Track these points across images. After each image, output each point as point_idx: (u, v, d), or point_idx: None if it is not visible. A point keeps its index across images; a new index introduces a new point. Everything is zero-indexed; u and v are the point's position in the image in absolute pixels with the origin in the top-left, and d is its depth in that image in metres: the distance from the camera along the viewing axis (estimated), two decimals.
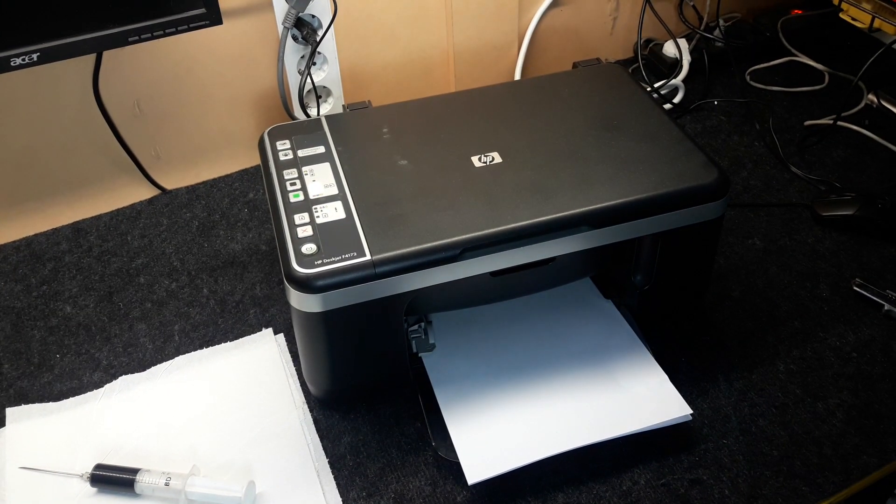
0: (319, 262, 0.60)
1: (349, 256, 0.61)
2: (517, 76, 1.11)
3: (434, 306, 0.71)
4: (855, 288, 0.82)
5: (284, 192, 0.67)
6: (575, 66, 0.85)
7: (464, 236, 0.62)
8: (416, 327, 0.72)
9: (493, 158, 0.71)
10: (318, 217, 0.64)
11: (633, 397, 0.69)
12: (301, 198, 0.66)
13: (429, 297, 0.64)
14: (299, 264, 0.60)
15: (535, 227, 0.64)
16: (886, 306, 0.80)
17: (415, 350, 0.72)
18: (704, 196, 0.67)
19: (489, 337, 0.75)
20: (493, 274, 0.64)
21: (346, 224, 0.64)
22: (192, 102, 0.96)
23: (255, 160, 0.75)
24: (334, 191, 0.67)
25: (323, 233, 0.63)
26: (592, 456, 0.67)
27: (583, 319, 0.76)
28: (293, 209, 0.65)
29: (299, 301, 0.61)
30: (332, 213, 0.65)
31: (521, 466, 0.64)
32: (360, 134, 0.75)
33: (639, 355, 0.72)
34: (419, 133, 0.75)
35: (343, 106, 0.92)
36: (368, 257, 0.61)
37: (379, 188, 0.68)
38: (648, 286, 0.72)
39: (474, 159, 0.71)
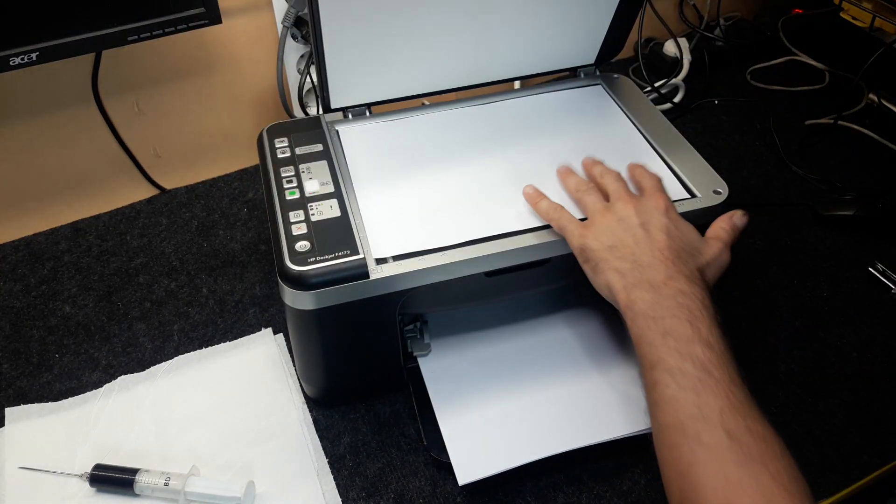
0: (313, 259, 0.60)
1: (343, 254, 0.60)
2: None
3: (428, 305, 0.70)
4: (870, 269, 0.84)
5: (281, 190, 0.67)
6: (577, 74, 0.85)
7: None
8: (411, 327, 0.72)
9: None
10: (313, 214, 0.64)
11: (627, 400, 0.68)
12: (297, 195, 0.66)
13: (423, 297, 0.64)
14: (293, 261, 0.60)
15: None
16: (894, 289, 0.82)
17: (410, 350, 0.72)
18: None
19: (485, 338, 0.75)
20: (488, 274, 0.64)
21: (341, 222, 0.64)
22: (191, 102, 0.96)
23: (255, 159, 0.75)
24: (330, 189, 0.67)
25: (317, 230, 0.63)
26: (593, 456, 0.67)
27: (579, 321, 0.76)
28: (288, 206, 0.65)
29: (292, 298, 0.61)
30: (327, 210, 0.65)
31: (515, 467, 0.64)
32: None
33: (634, 358, 0.72)
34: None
35: None
36: (362, 255, 0.61)
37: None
38: None
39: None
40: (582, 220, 0.63)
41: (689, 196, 0.68)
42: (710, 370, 0.51)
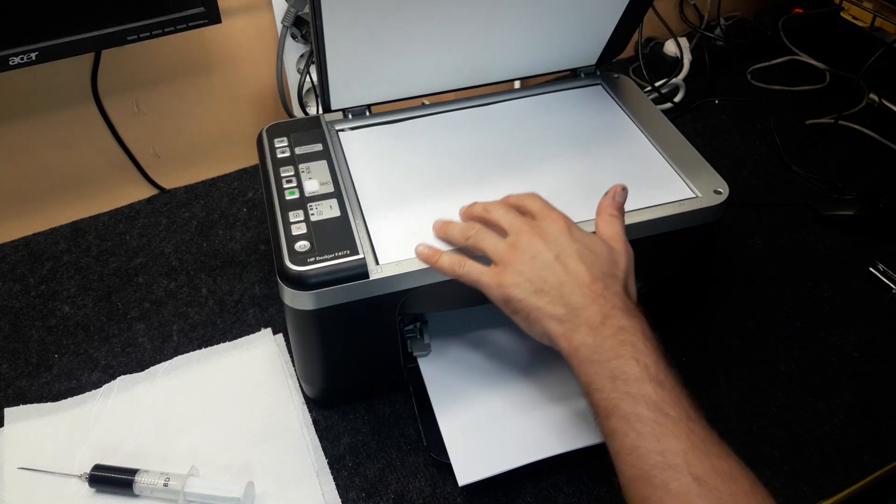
0: (312, 259, 0.60)
1: (342, 254, 0.60)
2: None
3: (428, 306, 0.70)
4: (871, 269, 0.83)
5: (280, 189, 0.67)
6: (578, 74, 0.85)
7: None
8: (411, 327, 0.72)
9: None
10: (312, 214, 0.64)
11: None
12: (296, 195, 0.66)
13: (423, 297, 0.64)
14: (292, 261, 0.60)
15: None
16: (894, 289, 0.82)
17: (410, 350, 0.72)
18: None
19: (486, 338, 0.74)
20: None
21: (340, 222, 0.64)
22: (191, 101, 0.96)
23: (255, 159, 0.75)
24: (330, 189, 0.67)
25: (317, 230, 0.63)
26: (593, 456, 0.66)
27: None
28: (288, 206, 0.65)
29: (292, 298, 0.61)
30: (326, 210, 0.65)
31: (515, 468, 0.64)
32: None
33: None
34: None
35: None
36: (361, 256, 0.60)
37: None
38: (645, 290, 0.72)
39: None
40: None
41: (689, 196, 0.68)
42: (666, 410, 0.50)
